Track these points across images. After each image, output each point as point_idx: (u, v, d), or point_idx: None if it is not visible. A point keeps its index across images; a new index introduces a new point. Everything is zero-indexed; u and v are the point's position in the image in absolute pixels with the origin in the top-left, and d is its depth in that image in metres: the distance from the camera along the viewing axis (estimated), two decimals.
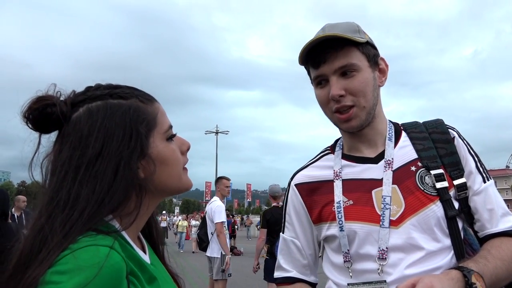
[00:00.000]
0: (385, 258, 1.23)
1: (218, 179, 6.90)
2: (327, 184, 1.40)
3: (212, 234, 6.38)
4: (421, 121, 1.47)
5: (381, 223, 1.25)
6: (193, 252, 18.78)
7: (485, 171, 1.35)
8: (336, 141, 1.51)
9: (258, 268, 6.83)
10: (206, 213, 6.56)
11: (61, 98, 0.89)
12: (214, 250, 6.36)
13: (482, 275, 1.12)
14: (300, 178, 1.49)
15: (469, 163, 1.33)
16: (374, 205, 1.29)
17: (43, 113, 0.86)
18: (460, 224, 1.28)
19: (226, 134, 46.81)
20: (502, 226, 1.28)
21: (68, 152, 0.83)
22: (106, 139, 0.83)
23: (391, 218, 1.25)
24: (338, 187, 1.36)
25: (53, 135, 0.90)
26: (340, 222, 1.31)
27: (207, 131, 46.17)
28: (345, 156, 1.43)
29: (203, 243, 6.50)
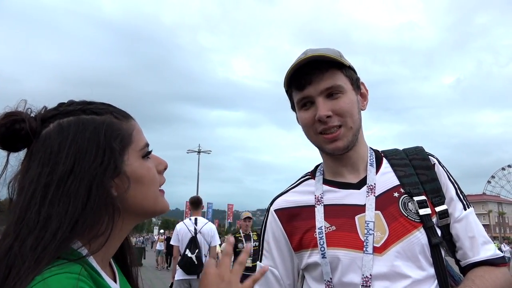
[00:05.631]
0: (369, 286, 1.19)
1: (200, 200, 6.70)
2: (308, 210, 1.36)
3: (206, 256, 6.17)
4: (401, 148, 1.46)
5: (364, 249, 1.22)
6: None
7: (465, 198, 1.35)
8: (316, 166, 1.48)
9: None
10: (197, 233, 6.21)
11: (32, 114, 0.84)
12: None
13: None
14: (280, 203, 1.43)
15: (449, 190, 1.34)
16: (358, 231, 1.25)
17: (10, 129, 0.81)
18: (443, 253, 1.27)
19: (209, 153, 46.60)
20: (483, 254, 1.28)
21: (36, 170, 0.78)
22: (77, 155, 0.78)
23: (375, 245, 1.22)
24: (319, 212, 1.32)
25: (22, 154, 0.84)
26: (322, 249, 1.26)
27: (189, 150, 45.83)
28: (326, 181, 1.39)
29: (201, 265, 6.03)
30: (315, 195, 1.37)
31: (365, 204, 1.29)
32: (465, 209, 1.33)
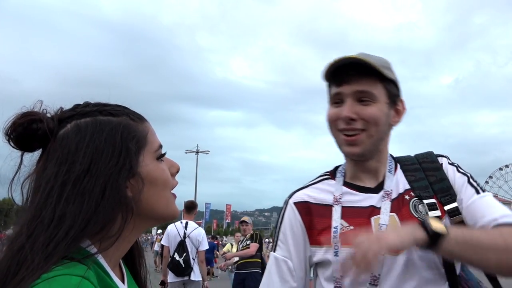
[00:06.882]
0: (377, 285, 1.23)
1: (195, 205, 7.00)
2: (326, 208, 1.39)
3: (194, 260, 6.46)
4: (412, 155, 1.49)
5: None
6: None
7: (478, 185, 1.33)
8: (336, 167, 1.50)
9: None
10: (186, 238, 6.49)
11: (48, 115, 0.85)
12: (197, 274, 6.50)
13: (447, 227, 1.14)
14: (300, 196, 1.45)
15: (458, 181, 1.34)
16: (373, 232, 1.28)
17: (28, 129, 0.82)
18: None
19: (207, 153, 46.65)
20: (496, 215, 1.23)
21: (53, 169, 0.78)
22: (94, 155, 0.79)
23: None
24: (337, 212, 1.35)
25: (36, 155, 0.85)
26: (336, 247, 1.30)
27: (187, 150, 45.82)
28: (346, 184, 1.42)
29: (188, 268, 6.37)
30: (334, 195, 1.40)
31: (380, 207, 1.32)
32: (477, 193, 1.30)
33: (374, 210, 1.32)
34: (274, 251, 1.45)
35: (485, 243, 1.14)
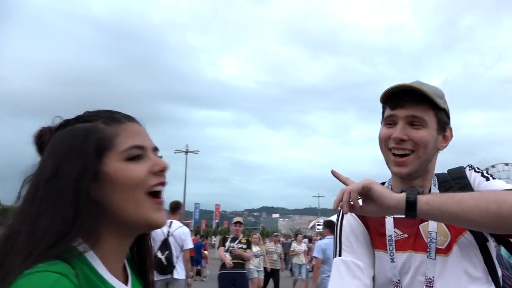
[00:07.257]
0: (432, 286, 1.34)
1: (179, 205, 7.05)
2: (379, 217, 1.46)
3: (178, 258, 6.53)
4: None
5: (428, 254, 1.37)
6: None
7: (491, 175, 1.45)
8: (382, 183, 1.57)
9: None
10: (169, 236, 6.56)
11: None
12: (180, 272, 6.56)
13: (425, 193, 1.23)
14: None
15: (474, 179, 1.46)
16: (423, 237, 1.39)
17: (37, 142, 0.95)
18: (492, 253, 1.37)
19: (196, 153, 46.54)
20: (498, 188, 1.34)
21: (35, 173, 0.89)
22: (61, 160, 0.86)
23: (441, 247, 1.36)
24: (389, 222, 1.45)
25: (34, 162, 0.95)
26: (391, 254, 1.41)
27: (176, 150, 45.61)
28: None
29: (170, 266, 6.45)
30: None
31: None
32: (487, 180, 1.43)
33: (422, 219, 1.39)
34: (339, 255, 1.46)
35: (463, 195, 1.23)
